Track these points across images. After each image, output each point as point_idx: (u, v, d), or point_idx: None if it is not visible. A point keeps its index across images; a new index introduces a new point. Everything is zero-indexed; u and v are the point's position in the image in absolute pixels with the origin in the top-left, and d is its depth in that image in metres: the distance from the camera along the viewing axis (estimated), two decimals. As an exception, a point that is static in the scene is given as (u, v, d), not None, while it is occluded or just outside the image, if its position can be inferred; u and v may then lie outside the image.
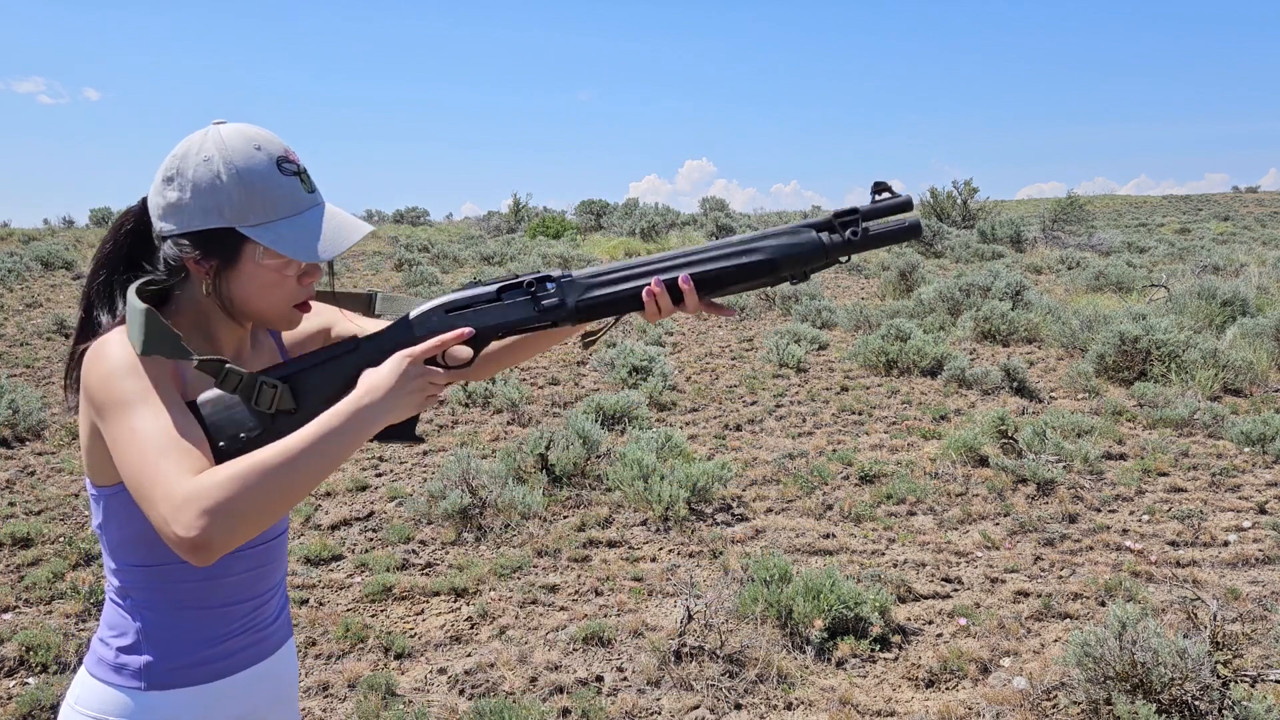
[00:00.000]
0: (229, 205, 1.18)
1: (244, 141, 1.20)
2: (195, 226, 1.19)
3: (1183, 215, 36.61)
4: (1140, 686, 2.91)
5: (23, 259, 14.64)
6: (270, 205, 1.19)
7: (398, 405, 1.21)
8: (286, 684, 1.44)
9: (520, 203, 28.07)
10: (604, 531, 4.71)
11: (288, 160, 1.22)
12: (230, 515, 1.06)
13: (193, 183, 1.18)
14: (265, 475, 1.09)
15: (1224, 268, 14.12)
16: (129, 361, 1.15)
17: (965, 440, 5.67)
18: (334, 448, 1.15)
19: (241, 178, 1.18)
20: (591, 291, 1.30)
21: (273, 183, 1.20)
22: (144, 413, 1.13)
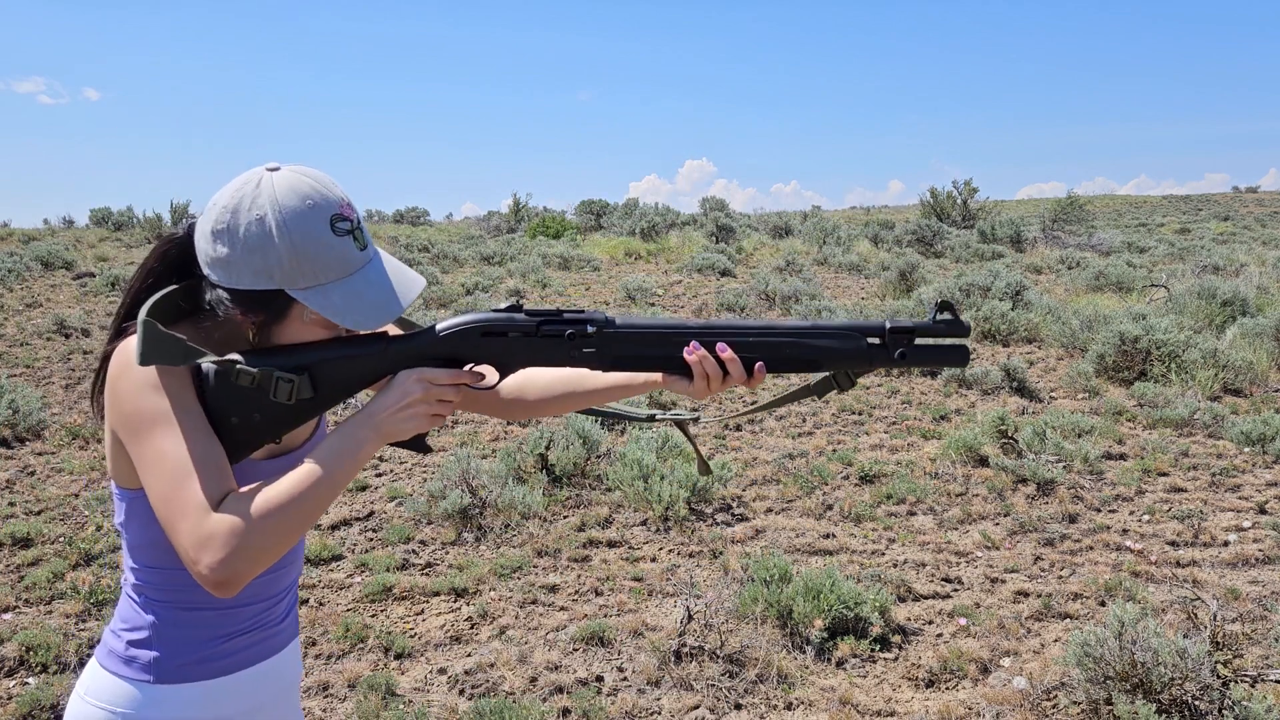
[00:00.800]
0: (279, 269, 1.16)
1: (298, 200, 1.16)
2: (244, 285, 1.17)
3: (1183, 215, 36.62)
4: (1140, 686, 2.91)
5: (23, 259, 14.64)
6: (321, 268, 1.17)
7: (404, 427, 1.20)
8: (290, 680, 1.46)
9: (520, 203, 28.06)
10: (604, 531, 4.71)
11: (342, 218, 1.19)
12: (250, 554, 1.10)
13: (244, 241, 1.15)
14: (281, 511, 1.12)
15: (1224, 268, 14.12)
16: (150, 376, 1.15)
17: (965, 440, 5.67)
18: (342, 474, 1.17)
19: (294, 241, 1.15)
20: (629, 346, 1.28)
21: (326, 245, 1.17)
22: (166, 434, 1.14)
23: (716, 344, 1.27)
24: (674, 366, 1.28)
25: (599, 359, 1.28)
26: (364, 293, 1.20)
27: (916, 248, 17.62)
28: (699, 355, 1.26)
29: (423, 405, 1.21)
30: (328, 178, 1.21)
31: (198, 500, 1.11)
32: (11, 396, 6.20)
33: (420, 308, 11.21)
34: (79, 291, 12.26)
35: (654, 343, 1.28)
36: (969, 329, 1.26)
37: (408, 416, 1.20)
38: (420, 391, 1.20)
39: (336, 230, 1.18)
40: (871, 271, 14.79)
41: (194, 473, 1.12)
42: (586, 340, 1.27)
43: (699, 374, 1.27)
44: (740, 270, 15.03)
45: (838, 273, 15.25)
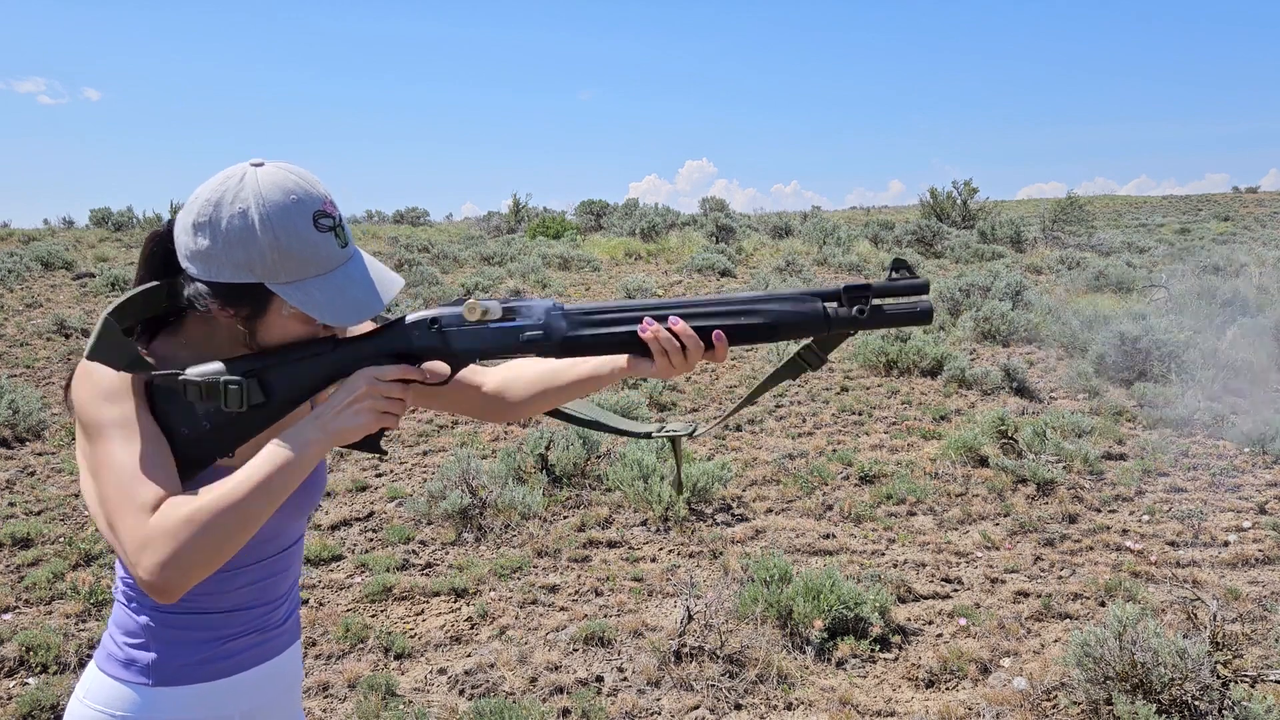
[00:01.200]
0: (260, 263, 1.15)
1: (281, 195, 1.16)
2: (224, 279, 1.17)
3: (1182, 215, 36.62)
4: (1140, 686, 2.91)
5: (23, 259, 14.64)
6: (302, 263, 1.17)
7: (352, 426, 1.18)
8: (291, 683, 1.46)
9: (520, 203, 28.06)
10: (604, 531, 4.71)
11: (324, 215, 1.19)
12: (189, 557, 1.09)
13: (225, 235, 1.15)
14: (218, 517, 1.11)
15: (1224, 268, 14.12)
16: (108, 385, 1.17)
17: (965, 440, 5.67)
18: (285, 478, 1.16)
19: (276, 235, 1.15)
20: (582, 329, 1.25)
21: (307, 241, 1.16)
22: (114, 440, 1.15)
23: (669, 318, 1.24)
24: (632, 347, 1.26)
25: (548, 344, 1.25)
26: (345, 289, 1.19)
27: (916, 248, 17.62)
28: (653, 331, 1.23)
29: (369, 402, 1.19)
30: (311, 175, 1.21)
31: (138, 503, 1.11)
32: (11, 396, 6.20)
33: (420, 308, 11.21)
34: (79, 292, 12.26)
35: (604, 324, 1.25)
36: (927, 284, 1.23)
37: (355, 414, 1.18)
38: (365, 388, 1.19)
39: (319, 226, 1.17)
40: (871, 271, 14.79)
41: (137, 477, 1.12)
42: (531, 325, 1.25)
43: (657, 351, 1.24)
44: (740, 270, 15.03)
45: (838, 273, 15.25)
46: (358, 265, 1.23)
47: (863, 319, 1.22)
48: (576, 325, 1.25)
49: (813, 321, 1.23)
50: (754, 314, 1.24)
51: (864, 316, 1.22)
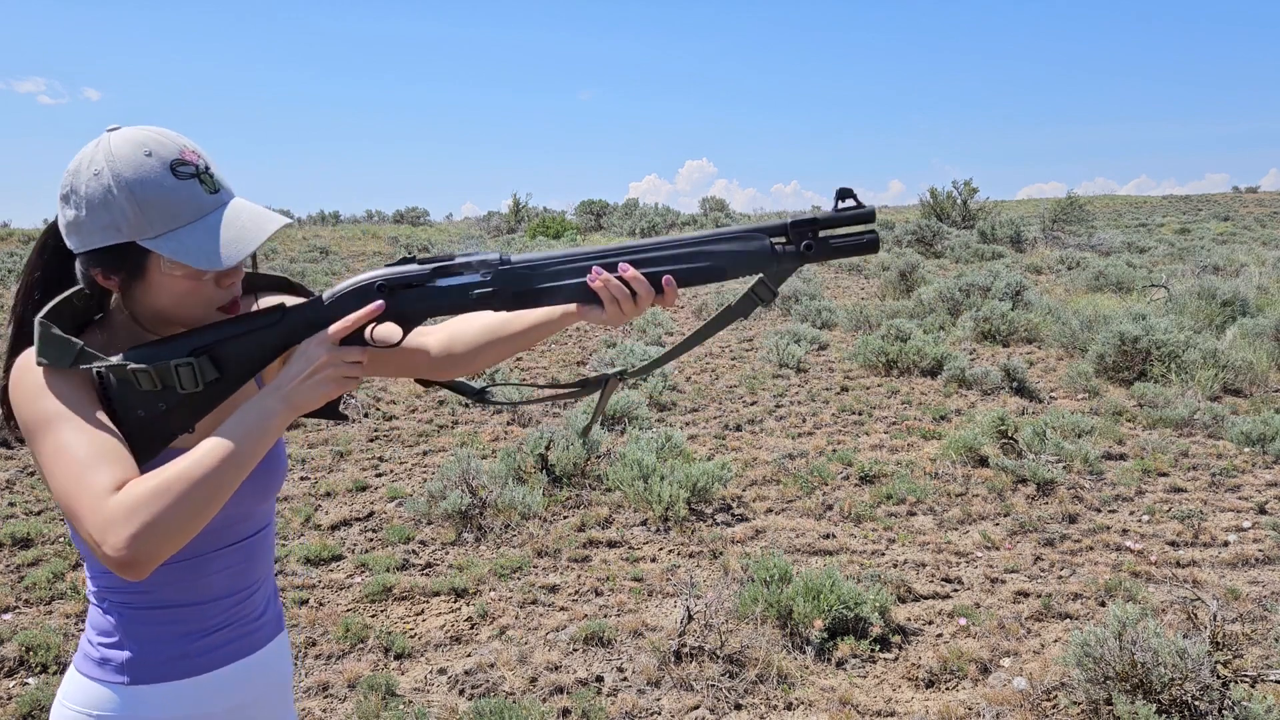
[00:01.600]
0: (124, 220, 1.13)
1: (133, 149, 1.14)
2: (96, 244, 1.15)
3: (1183, 215, 36.61)
4: (1140, 686, 2.91)
5: (23, 259, 14.64)
6: (168, 214, 1.14)
7: (314, 394, 1.17)
8: (279, 678, 1.43)
9: (520, 203, 28.07)
10: (604, 531, 4.71)
11: (183, 162, 1.16)
12: (154, 533, 1.06)
13: (86, 200, 1.14)
14: (185, 488, 1.09)
15: (1224, 268, 14.12)
16: (39, 380, 1.15)
17: (965, 440, 5.67)
18: (251, 448, 1.14)
19: (133, 190, 1.13)
20: (531, 281, 1.24)
21: (167, 190, 1.14)
22: (63, 430, 1.12)
23: (618, 265, 1.23)
24: (582, 296, 1.24)
25: (499, 299, 1.24)
26: (217, 232, 1.16)
27: (916, 248, 17.62)
28: (602, 280, 1.22)
29: (330, 370, 1.17)
30: (172, 132, 1.19)
31: (96, 487, 1.08)
32: (11, 397, 6.20)
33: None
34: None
35: (553, 275, 1.24)
36: (873, 212, 1.21)
37: (317, 383, 1.17)
38: (325, 354, 1.17)
39: (178, 174, 1.15)
40: (871, 271, 14.79)
41: (92, 462, 1.10)
42: (483, 281, 1.24)
43: (607, 299, 1.23)
44: (740, 270, 15.02)
45: (838, 273, 15.26)
46: (234, 209, 1.20)
47: (810, 253, 1.22)
48: (526, 278, 1.24)
49: (761, 259, 1.22)
50: (702, 256, 1.23)
51: (811, 251, 1.22)
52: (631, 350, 7.98)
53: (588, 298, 1.24)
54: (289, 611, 3.85)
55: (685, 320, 10.93)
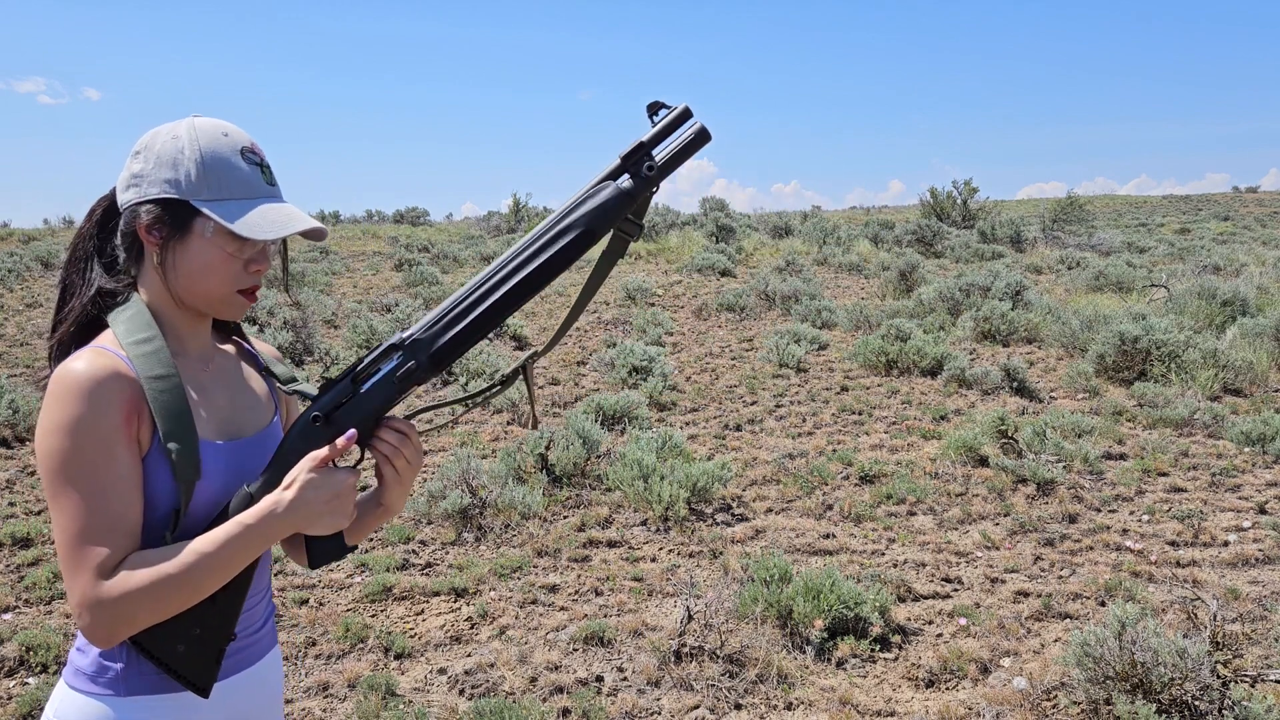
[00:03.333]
0: (186, 179, 1.22)
1: (214, 128, 1.26)
2: (152, 195, 1.23)
3: (1183, 215, 36.61)
4: (1140, 686, 2.91)
5: (23, 259, 14.64)
6: (226, 185, 1.24)
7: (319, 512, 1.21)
8: (271, 691, 1.42)
9: (520, 203, 28.07)
10: (604, 531, 4.71)
11: (252, 151, 1.27)
12: (131, 626, 1.16)
13: (157, 155, 1.24)
14: (171, 592, 1.15)
15: (1224, 268, 14.12)
16: (78, 416, 1.15)
17: (965, 440, 5.67)
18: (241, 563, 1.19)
19: (203, 156, 1.23)
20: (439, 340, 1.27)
21: (232, 166, 1.24)
22: (76, 485, 1.15)
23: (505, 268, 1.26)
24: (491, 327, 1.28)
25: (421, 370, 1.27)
26: (265, 212, 1.25)
27: (916, 248, 17.62)
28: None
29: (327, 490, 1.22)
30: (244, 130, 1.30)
31: (95, 563, 1.14)
32: (11, 396, 6.20)
33: (420, 308, 11.21)
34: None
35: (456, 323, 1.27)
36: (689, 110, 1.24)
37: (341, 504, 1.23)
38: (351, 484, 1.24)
39: (246, 159, 1.26)
40: (871, 271, 14.79)
41: (98, 532, 1.15)
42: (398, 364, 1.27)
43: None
44: (740, 270, 15.03)
45: (838, 273, 15.26)
46: (283, 202, 1.29)
47: (655, 172, 1.24)
48: (432, 341, 1.27)
49: (617, 201, 1.25)
50: (568, 230, 1.25)
51: (654, 171, 1.24)
52: (632, 350, 7.98)
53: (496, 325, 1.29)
54: (289, 611, 3.85)
55: (685, 320, 10.93)
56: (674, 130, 1.25)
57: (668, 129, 1.24)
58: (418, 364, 1.26)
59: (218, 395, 1.32)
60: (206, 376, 1.32)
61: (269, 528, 1.19)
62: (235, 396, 1.35)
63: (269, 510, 1.19)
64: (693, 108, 1.26)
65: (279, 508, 1.20)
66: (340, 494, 1.23)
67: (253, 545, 1.19)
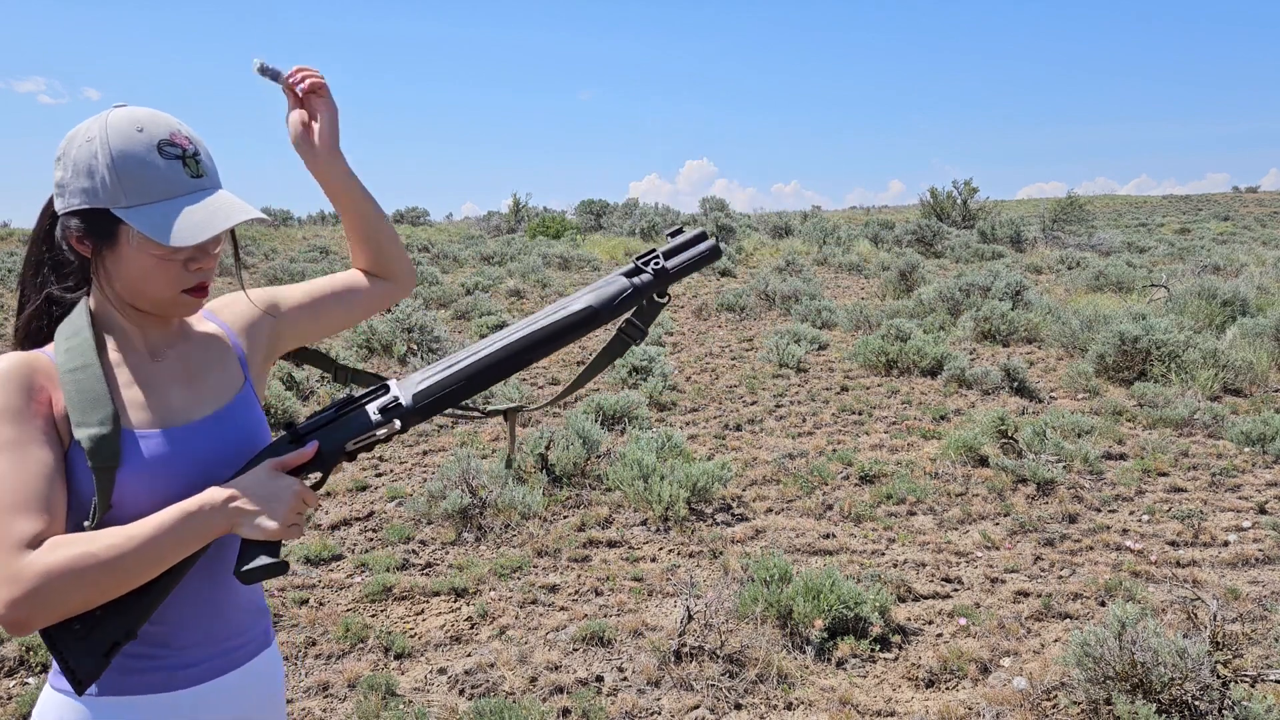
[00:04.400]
0: (102, 187, 1.18)
1: (128, 124, 1.19)
2: (74, 206, 1.20)
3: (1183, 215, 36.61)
4: (1140, 686, 2.91)
5: (22, 259, 14.63)
6: (143, 188, 1.18)
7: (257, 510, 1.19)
8: (270, 692, 1.39)
9: (520, 203, 28.08)
10: (604, 531, 4.71)
11: (170, 143, 1.20)
12: (51, 604, 1.09)
13: (74, 163, 1.19)
14: (97, 574, 1.11)
15: (1224, 268, 14.13)
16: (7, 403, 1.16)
17: (965, 440, 5.67)
18: (175, 553, 1.16)
19: (115, 160, 1.17)
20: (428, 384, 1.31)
21: (148, 165, 1.18)
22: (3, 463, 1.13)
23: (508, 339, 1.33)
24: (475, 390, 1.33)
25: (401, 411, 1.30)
26: (186, 214, 1.19)
27: (916, 248, 17.62)
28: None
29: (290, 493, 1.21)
30: (173, 117, 1.23)
31: (14, 537, 1.10)
32: None
33: (420, 308, 11.21)
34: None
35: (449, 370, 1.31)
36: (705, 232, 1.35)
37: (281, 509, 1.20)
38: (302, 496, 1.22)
39: (164, 154, 1.19)
40: (871, 271, 14.80)
41: (18, 506, 1.12)
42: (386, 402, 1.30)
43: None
44: (740, 270, 15.03)
45: (838, 273, 15.26)
46: (212, 196, 1.22)
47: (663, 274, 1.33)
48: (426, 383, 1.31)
49: (625, 296, 1.33)
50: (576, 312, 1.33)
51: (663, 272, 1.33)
52: (632, 350, 7.97)
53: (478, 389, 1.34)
54: (289, 611, 3.85)
55: (685, 320, 10.93)
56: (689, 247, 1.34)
57: (684, 245, 1.34)
58: (400, 404, 1.29)
59: (167, 385, 1.28)
60: (157, 368, 1.29)
61: (206, 518, 1.16)
62: (193, 382, 1.31)
63: (207, 500, 1.17)
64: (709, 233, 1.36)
65: (216, 497, 1.18)
66: (278, 495, 1.20)
67: (186, 535, 1.15)
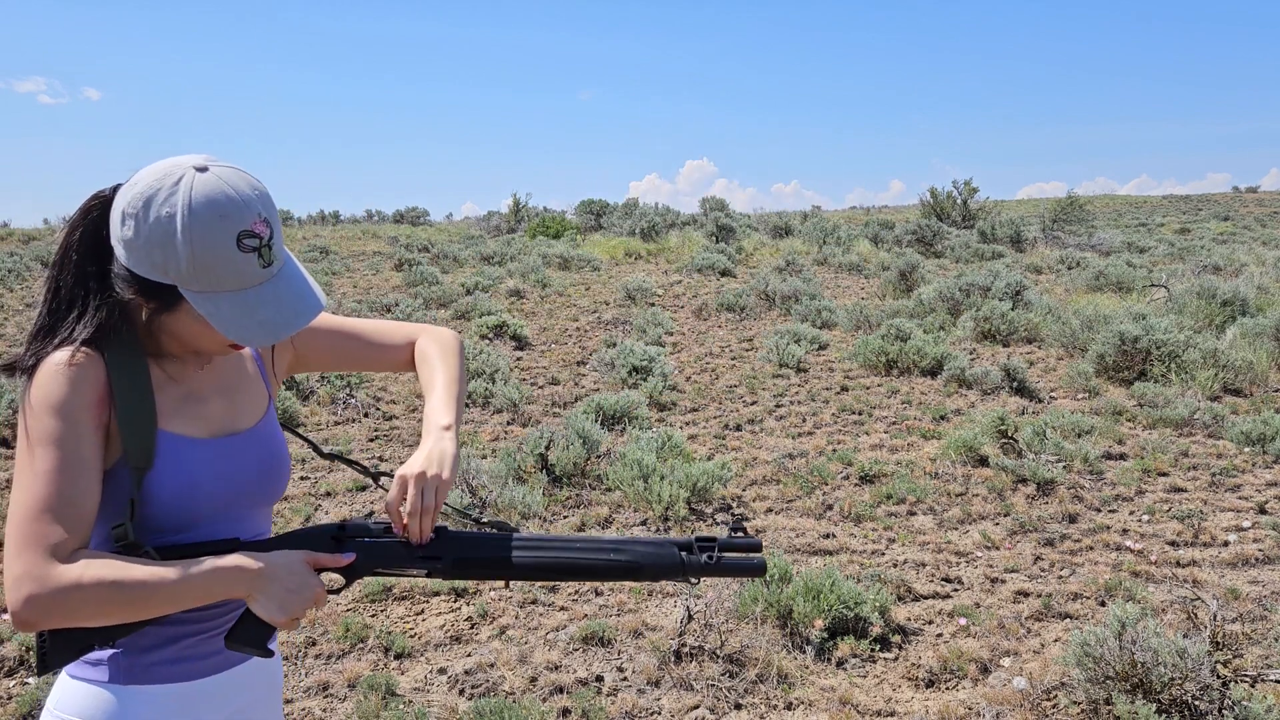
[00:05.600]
0: (175, 268, 1.16)
1: (209, 209, 1.14)
2: (141, 272, 1.18)
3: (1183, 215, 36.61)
4: (1140, 686, 2.91)
5: (23, 259, 14.64)
6: (218, 279, 1.17)
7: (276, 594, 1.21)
8: (269, 687, 1.43)
9: (520, 203, 28.07)
10: (604, 531, 4.70)
11: (251, 235, 1.17)
12: (65, 614, 1.12)
13: (148, 232, 1.15)
14: (117, 596, 1.12)
15: (1224, 268, 14.12)
16: (58, 399, 1.16)
17: (965, 440, 5.67)
18: (193, 600, 1.18)
19: (195, 248, 1.14)
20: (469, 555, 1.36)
21: (226, 259, 1.16)
22: (47, 462, 1.14)
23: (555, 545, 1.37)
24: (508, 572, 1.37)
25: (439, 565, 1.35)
26: (256, 310, 1.19)
27: (916, 248, 17.62)
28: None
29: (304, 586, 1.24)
30: (250, 190, 1.18)
31: (48, 539, 1.12)
32: (11, 396, 6.20)
33: (420, 308, 11.21)
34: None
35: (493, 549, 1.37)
36: (760, 544, 1.39)
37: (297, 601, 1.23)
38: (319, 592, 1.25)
39: (242, 247, 1.17)
40: (871, 271, 14.80)
41: (57, 510, 1.13)
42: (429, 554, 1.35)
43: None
44: (740, 270, 15.03)
45: (838, 273, 15.26)
46: (277, 285, 1.22)
47: (712, 566, 1.36)
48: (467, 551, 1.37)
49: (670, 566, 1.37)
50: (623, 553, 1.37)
51: (713, 564, 1.36)
52: (632, 350, 7.97)
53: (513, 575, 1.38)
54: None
55: (685, 320, 10.93)
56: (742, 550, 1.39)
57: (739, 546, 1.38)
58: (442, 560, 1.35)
59: (208, 395, 1.31)
60: (202, 375, 1.32)
61: (232, 579, 1.19)
62: (230, 395, 1.34)
63: (240, 564, 1.20)
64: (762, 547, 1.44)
65: (249, 565, 1.20)
66: (301, 591, 1.23)
67: (213, 588, 1.18)
